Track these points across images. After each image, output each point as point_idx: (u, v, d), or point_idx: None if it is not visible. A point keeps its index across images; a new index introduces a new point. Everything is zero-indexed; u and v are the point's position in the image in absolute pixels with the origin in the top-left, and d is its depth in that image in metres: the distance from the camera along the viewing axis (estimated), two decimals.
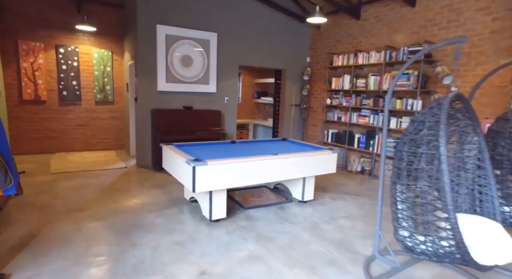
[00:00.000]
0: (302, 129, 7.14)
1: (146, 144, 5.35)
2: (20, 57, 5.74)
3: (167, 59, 5.27)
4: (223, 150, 3.69)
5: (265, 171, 3.25)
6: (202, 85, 5.67)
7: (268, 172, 3.28)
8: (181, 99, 5.55)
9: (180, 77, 5.43)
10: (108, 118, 6.65)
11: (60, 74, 6.09)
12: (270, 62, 6.45)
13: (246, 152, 3.57)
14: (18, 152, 5.90)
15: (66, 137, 6.30)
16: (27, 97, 5.86)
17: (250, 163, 3.13)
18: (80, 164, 5.40)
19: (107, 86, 6.52)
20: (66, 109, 6.24)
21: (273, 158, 3.27)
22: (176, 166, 3.20)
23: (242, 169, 3.09)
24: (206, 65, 5.65)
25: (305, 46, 6.85)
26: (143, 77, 5.17)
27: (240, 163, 3.06)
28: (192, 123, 5.45)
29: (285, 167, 3.40)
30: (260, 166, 3.20)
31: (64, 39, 6.06)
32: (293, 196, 4.02)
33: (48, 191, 3.96)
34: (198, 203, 3.69)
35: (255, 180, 3.21)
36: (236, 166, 3.04)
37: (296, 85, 6.89)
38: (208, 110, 5.66)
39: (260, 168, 3.20)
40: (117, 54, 6.56)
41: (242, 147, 3.96)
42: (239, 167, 3.06)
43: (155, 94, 5.31)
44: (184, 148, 3.62)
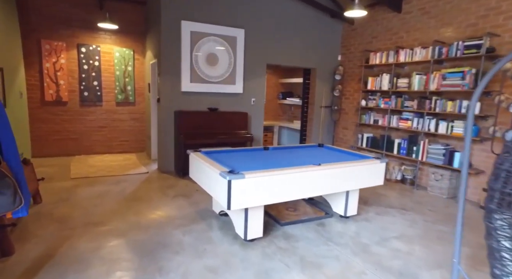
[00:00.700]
0: (332, 133, 6.65)
1: (168, 147, 5.04)
2: (43, 57, 5.57)
3: (191, 57, 4.93)
4: (256, 158, 3.30)
5: (309, 184, 2.83)
6: (228, 86, 5.30)
7: (312, 185, 2.85)
8: (205, 100, 5.20)
9: (205, 76, 5.09)
10: (128, 120, 6.41)
11: (82, 75, 5.88)
12: (299, 61, 6.01)
13: (282, 161, 3.15)
14: (40, 155, 5.73)
15: (87, 139, 6.09)
16: (49, 99, 5.68)
17: (293, 174, 2.71)
18: (100, 168, 5.15)
19: (128, 87, 6.27)
20: (87, 110, 6.03)
21: (317, 168, 2.84)
22: (207, 177, 2.83)
23: (284, 182, 2.68)
24: (232, 64, 5.28)
25: (337, 43, 6.36)
26: (166, 77, 4.86)
27: (282, 175, 2.65)
28: (217, 126, 5.09)
29: (330, 179, 2.96)
30: (304, 178, 2.78)
31: (86, 38, 5.85)
32: (334, 210, 3.57)
33: (67, 199, 3.68)
34: (228, 217, 3.31)
35: (298, 194, 2.79)
36: (276, 178, 2.63)
37: (326, 85, 6.41)
38: (235, 112, 5.28)
39: (303, 180, 2.78)
40: (138, 53, 6.31)
41: (276, 154, 3.55)
42: (280, 179, 2.65)
43: (179, 95, 4.98)
44: (213, 156, 3.25)
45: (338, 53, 6.41)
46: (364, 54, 5.72)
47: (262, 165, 2.92)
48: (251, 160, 3.15)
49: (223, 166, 2.74)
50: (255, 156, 3.40)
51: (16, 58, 4.16)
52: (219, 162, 2.91)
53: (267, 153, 3.58)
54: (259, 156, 3.38)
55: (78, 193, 3.91)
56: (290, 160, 3.23)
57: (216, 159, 3.04)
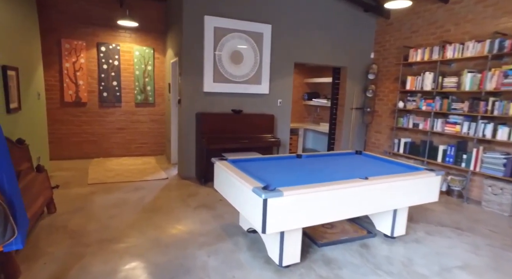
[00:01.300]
0: (363, 137, 6.14)
1: (189, 152, 4.72)
2: (63, 57, 5.40)
3: (215, 55, 4.58)
4: (289, 168, 2.89)
5: (356, 202, 2.40)
6: (253, 86, 4.92)
7: (360, 203, 2.42)
8: (229, 102, 4.84)
9: (229, 76, 4.73)
10: (148, 122, 6.16)
11: (101, 74, 5.67)
12: (328, 59, 5.55)
13: (320, 173, 2.73)
14: (58, 157, 5.57)
15: (106, 141, 5.88)
16: (68, 99, 5.50)
17: (338, 191, 2.29)
18: (118, 172, 4.90)
19: (148, 87, 6.02)
20: (106, 111, 5.82)
21: (364, 183, 2.41)
22: (236, 192, 2.45)
23: (328, 200, 2.26)
24: (258, 62, 4.90)
25: (370, 40, 5.85)
26: (187, 77, 4.53)
27: (326, 192, 2.24)
28: (242, 130, 4.72)
29: (380, 196, 2.52)
30: (350, 194, 2.35)
31: (105, 37, 5.64)
32: (377, 228, 3.12)
33: (82, 208, 3.41)
34: (258, 234, 2.93)
35: (345, 213, 2.37)
36: (320, 195, 2.22)
37: (358, 85, 5.91)
38: (260, 114, 4.90)
39: (350, 197, 2.36)
40: (159, 52, 6.04)
41: (311, 163, 3.13)
42: (324, 197, 2.23)
43: (201, 95, 4.65)
44: (241, 165, 2.87)
45: (371, 50, 5.89)
46: (401, 51, 5.19)
47: (299, 178, 2.51)
48: (284, 171, 2.75)
49: (255, 179, 2.35)
50: (288, 165, 2.99)
51: (34, 58, 3.96)
52: (249, 173, 2.52)
53: (300, 162, 3.17)
54: (293, 166, 2.97)
55: (95, 201, 3.64)
56: (329, 171, 2.81)
57: (245, 170, 2.66)
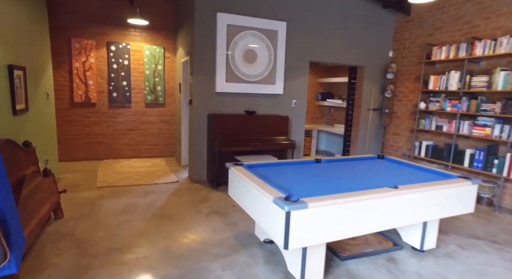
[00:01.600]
0: (380, 139, 5.87)
1: (200, 154, 4.54)
2: (73, 57, 5.30)
3: (227, 54, 4.40)
4: (309, 174, 2.68)
5: (386, 213, 2.17)
6: (267, 86, 4.72)
7: (390, 215, 2.19)
8: (242, 102, 4.65)
9: (242, 75, 4.54)
10: (158, 123, 6.02)
11: (111, 74, 5.56)
12: (345, 58, 5.31)
13: (343, 180, 2.51)
14: (67, 159, 5.47)
15: (115, 143, 5.77)
16: (78, 100, 5.40)
17: (367, 202, 2.07)
18: (127, 175, 4.76)
19: (158, 87, 5.88)
20: (116, 112, 5.70)
21: (394, 193, 2.18)
22: (254, 201, 2.26)
23: (356, 212, 2.04)
24: (273, 61, 4.69)
25: (388, 38, 5.58)
26: (199, 76, 4.36)
27: (354, 203, 2.02)
28: (255, 132, 4.52)
29: (412, 206, 2.28)
30: (380, 205, 2.13)
31: (115, 36, 5.52)
32: (404, 240, 2.88)
33: (90, 214, 3.27)
34: (275, 245, 2.73)
35: (374, 226, 2.15)
36: (347, 207, 2.00)
37: (375, 85, 5.65)
38: (274, 115, 4.69)
39: (379, 208, 2.13)
40: (169, 51, 5.90)
41: (332, 169, 2.91)
42: (351, 208, 2.02)
43: (213, 96, 4.47)
44: (258, 171, 2.67)
45: (389, 48, 5.62)
46: (423, 49, 4.91)
47: (321, 186, 2.30)
48: (304, 178, 2.54)
49: (275, 187, 2.15)
50: (308, 171, 2.78)
51: (43, 58, 3.84)
52: (268, 180, 2.32)
53: (320, 168, 2.95)
54: (312, 172, 2.76)
55: (103, 206, 3.49)
56: (352, 178, 2.58)
57: (262, 176, 2.46)
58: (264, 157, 4.33)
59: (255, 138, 4.47)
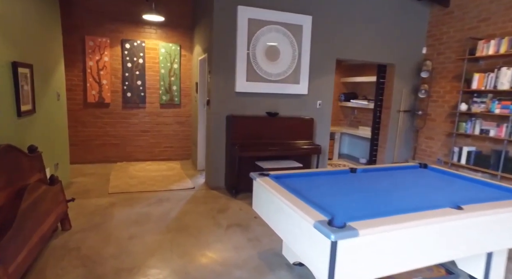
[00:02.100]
0: (411, 144, 5.40)
1: (218, 158, 4.23)
2: (87, 55, 5.09)
3: (249, 51, 4.06)
4: (347, 187, 2.30)
5: (450, 241, 1.77)
6: (290, 85, 4.35)
7: (455, 242, 1.79)
8: (264, 103, 4.31)
9: (263, 74, 4.19)
10: (173, 124, 5.75)
11: (125, 73, 5.33)
12: (374, 55, 4.88)
13: (389, 195, 2.13)
14: (80, 161, 5.28)
15: (129, 145, 5.54)
16: (91, 100, 5.20)
17: (428, 227, 1.68)
18: (141, 180, 4.50)
19: (173, 87, 5.61)
20: (130, 113, 5.47)
21: (458, 215, 1.78)
22: (287, 221, 1.90)
23: (415, 239, 1.66)
24: (297, 58, 4.32)
25: (421, 33, 5.11)
26: (217, 75, 4.05)
27: (413, 228, 1.63)
28: (277, 135, 4.17)
29: (480, 232, 1.87)
30: (443, 231, 1.73)
31: (130, 33, 5.29)
32: (459, 267, 2.45)
33: (100, 225, 3.00)
34: (306, 269, 2.36)
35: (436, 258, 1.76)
36: (405, 234, 1.62)
37: (407, 85, 5.19)
38: (298, 118, 4.32)
39: (442, 235, 1.74)
40: (185, 49, 5.62)
41: (371, 180, 2.52)
42: (410, 235, 1.64)
43: (232, 96, 4.14)
44: (287, 182, 2.32)
45: (422, 45, 5.15)
46: (465, 43, 4.43)
47: (366, 204, 1.92)
48: (343, 193, 2.16)
49: (313, 206, 1.79)
50: (344, 183, 2.40)
51: (54, 56, 3.62)
52: (301, 196, 1.96)
53: (357, 179, 2.56)
54: (350, 185, 2.38)
55: (114, 216, 3.22)
56: (400, 193, 2.19)
57: (294, 190, 2.10)
58: (287, 163, 3.97)
59: (277, 143, 4.11)
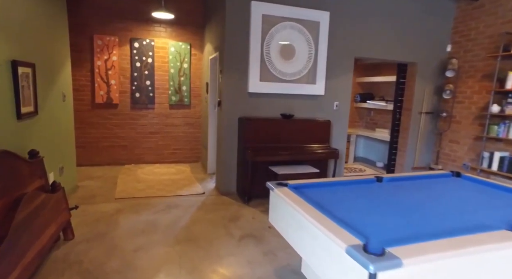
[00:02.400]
0: (433, 147, 5.08)
1: (230, 162, 4.01)
2: (95, 55, 4.95)
3: (262, 49, 3.83)
4: (375, 200, 2.05)
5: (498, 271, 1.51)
6: (306, 85, 4.10)
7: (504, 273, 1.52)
8: (278, 105, 4.07)
9: (278, 74, 3.96)
10: (182, 125, 5.57)
11: (134, 73, 5.17)
12: (395, 54, 4.59)
13: (426, 210, 1.86)
14: (88, 163, 5.14)
15: (137, 147, 5.38)
16: (99, 100, 5.05)
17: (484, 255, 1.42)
18: (149, 184, 4.32)
19: (183, 87, 5.43)
20: (138, 114, 5.31)
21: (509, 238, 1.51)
22: (312, 243, 1.66)
23: (466, 270, 1.40)
24: (313, 57, 4.07)
25: (446, 29, 4.79)
26: (229, 75, 3.83)
27: (466, 257, 1.38)
28: (292, 138, 3.92)
29: None
30: (499, 259, 1.47)
31: (139, 32, 5.12)
32: None
33: (104, 235, 2.81)
34: None
35: None
36: (457, 263, 1.36)
37: (429, 85, 4.87)
38: (314, 120, 4.07)
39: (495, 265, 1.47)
40: (196, 48, 5.43)
41: (401, 192, 2.25)
42: (462, 264, 1.38)
43: (245, 97, 3.92)
44: (307, 193, 2.07)
45: (447, 42, 4.82)
46: (498, 39, 4.10)
47: (401, 222, 1.66)
48: (372, 207, 1.91)
49: (342, 226, 1.54)
50: (371, 195, 2.14)
51: (59, 55, 3.47)
52: (328, 212, 1.72)
53: (385, 190, 2.30)
54: (378, 197, 2.12)
55: (120, 224, 3.04)
56: (439, 209, 1.92)
57: (317, 204, 1.85)
58: (303, 168, 3.73)
59: (292, 146, 3.87)
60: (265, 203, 3.74)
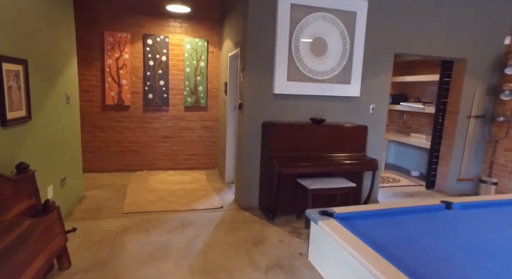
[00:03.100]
0: (483, 156, 4.42)
1: (251, 173, 3.53)
2: (105, 52, 4.59)
3: (290, 44, 3.33)
4: (452, 239, 1.51)
5: None
6: (339, 86, 3.57)
7: None
8: (307, 108, 3.56)
9: (307, 72, 3.44)
10: (198, 129, 5.13)
11: (146, 72, 4.77)
12: (439, 49, 3.98)
13: None
14: (97, 169, 4.78)
15: (149, 152, 4.98)
16: (110, 102, 4.69)
17: None
18: (161, 195, 3.90)
19: (199, 87, 4.99)
20: (151, 116, 4.91)
21: None
22: None
23: None
24: (348, 53, 3.54)
25: (504, 19, 4.13)
26: (252, 74, 3.35)
27: None
28: (323, 146, 3.40)
29: None
30: None
31: (153, 27, 4.73)
32: None
33: (106, 263, 2.39)
34: None
35: None
36: None
37: (481, 84, 4.23)
38: (348, 125, 3.53)
39: None
40: (213, 44, 4.98)
41: (485, 226, 1.70)
42: None
43: (270, 99, 3.43)
44: (361, 227, 1.56)
45: (505, 34, 4.16)
46: None
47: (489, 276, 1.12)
48: (448, 249, 1.37)
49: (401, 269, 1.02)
50: (442, 229, 1.60)
51: (62, 52, 3.11)
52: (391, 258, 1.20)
53: (461, 222, 1.75)
54: (456, 234, 1.57)
55: (126, 247, 2.61)
56: None
57: (381, 247, 1.34)
58: (337, 181, 3.20)
59: (323, 156, 3.35)
60: (292, 221, 3.24)
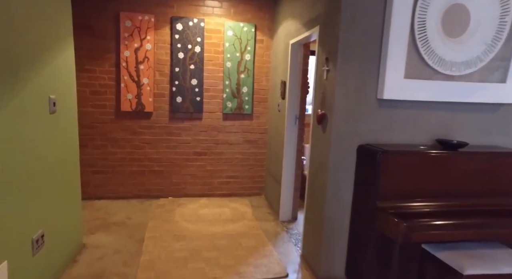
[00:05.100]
0: None
1: (335, 227, 2.22)
2: (121, 42, 3.46)
3: (413, 18, 1.99)
4: None
5: None
6: (485, 86, 2.17)
7: None
8: (426, 122, 2.20)
9: (437, 64, 2.08)
10: (241, 143, 3.89)
11: (174, 68, 3.60)
12: None
13: None
14: (109, 195, 3.65)
15: (177, 173, 3.80)
16: (126, 108, 3.55)
17: None
18: (193, 245, 2.66)
19: (243, 88, 3.75)
20: (180, 127, 3.73)
21: None
22: None
23: None
24: (508, 29, 2.13)
25: None
26: (346, 66, 2.04)
27: None
28: (461, 188, 2.02)
29: None
30: None
31: (184, 8, 3.54)
32: None
33: None
34: None
35: None
36: None
37: None
38: (496, 152, 2.12)
39: None
40: (263, 31, 3.72)
41: None
42: None
43: (372, 108, 2.11)
44: None
45: None
46: None
47: None
48: None
49: None
50: None
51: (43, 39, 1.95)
52: None
53: None
54: None
55: None
56: None
57: None
58: (502, 255, 1.82)
59: (465, 205, 1.98)
60: None
